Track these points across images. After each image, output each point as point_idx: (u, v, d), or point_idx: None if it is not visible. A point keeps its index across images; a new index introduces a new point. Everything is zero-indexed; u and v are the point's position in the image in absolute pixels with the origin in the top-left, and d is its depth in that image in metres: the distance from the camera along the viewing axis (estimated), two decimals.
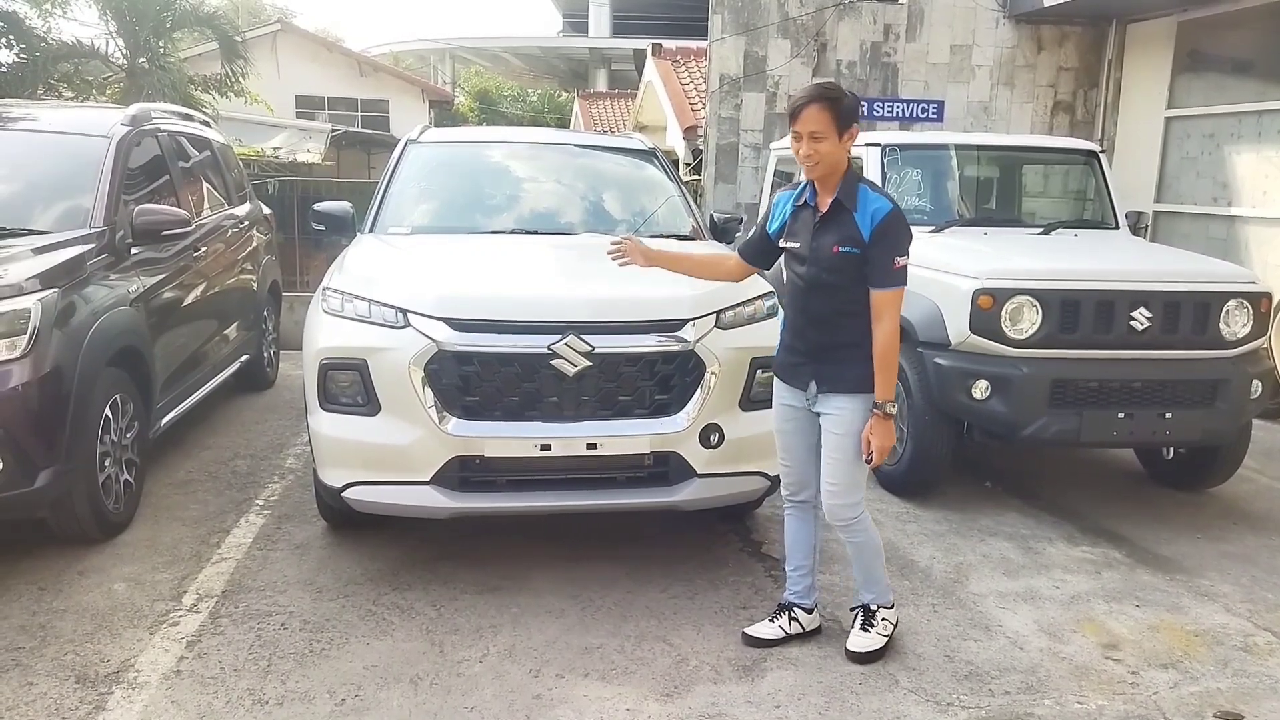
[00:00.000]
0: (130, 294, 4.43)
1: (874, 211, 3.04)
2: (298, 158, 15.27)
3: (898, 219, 3.06)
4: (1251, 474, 5.45)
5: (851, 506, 3.23)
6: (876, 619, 3.35)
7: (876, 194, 3.10)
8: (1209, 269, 4.92)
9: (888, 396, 3.07)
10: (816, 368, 3.21)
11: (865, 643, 3.31)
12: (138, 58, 13.74)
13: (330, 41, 28.65)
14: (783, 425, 3.41)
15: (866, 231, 3.04)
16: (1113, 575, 4.09)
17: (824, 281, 3.14)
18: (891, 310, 3.06)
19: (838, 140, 3.05)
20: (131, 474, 4.35)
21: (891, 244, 3.04)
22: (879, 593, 3.37)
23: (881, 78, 9.68)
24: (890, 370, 3.09)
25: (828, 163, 3.07)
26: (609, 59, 33.47)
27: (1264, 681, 3.24)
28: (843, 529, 3.28)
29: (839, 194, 3.10)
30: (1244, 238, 8.17)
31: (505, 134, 6.78)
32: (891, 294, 3.06)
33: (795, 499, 3.45)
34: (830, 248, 3.10)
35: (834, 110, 3.02)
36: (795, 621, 3.44)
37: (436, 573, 3.88)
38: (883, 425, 3.09)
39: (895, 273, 3.05)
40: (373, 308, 3.66)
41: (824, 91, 3.06)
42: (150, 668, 3.13)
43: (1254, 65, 8.27)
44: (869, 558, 3.32)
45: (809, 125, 3.04)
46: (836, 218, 3.11)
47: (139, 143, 5.03)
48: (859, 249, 3.06)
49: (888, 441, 3.11)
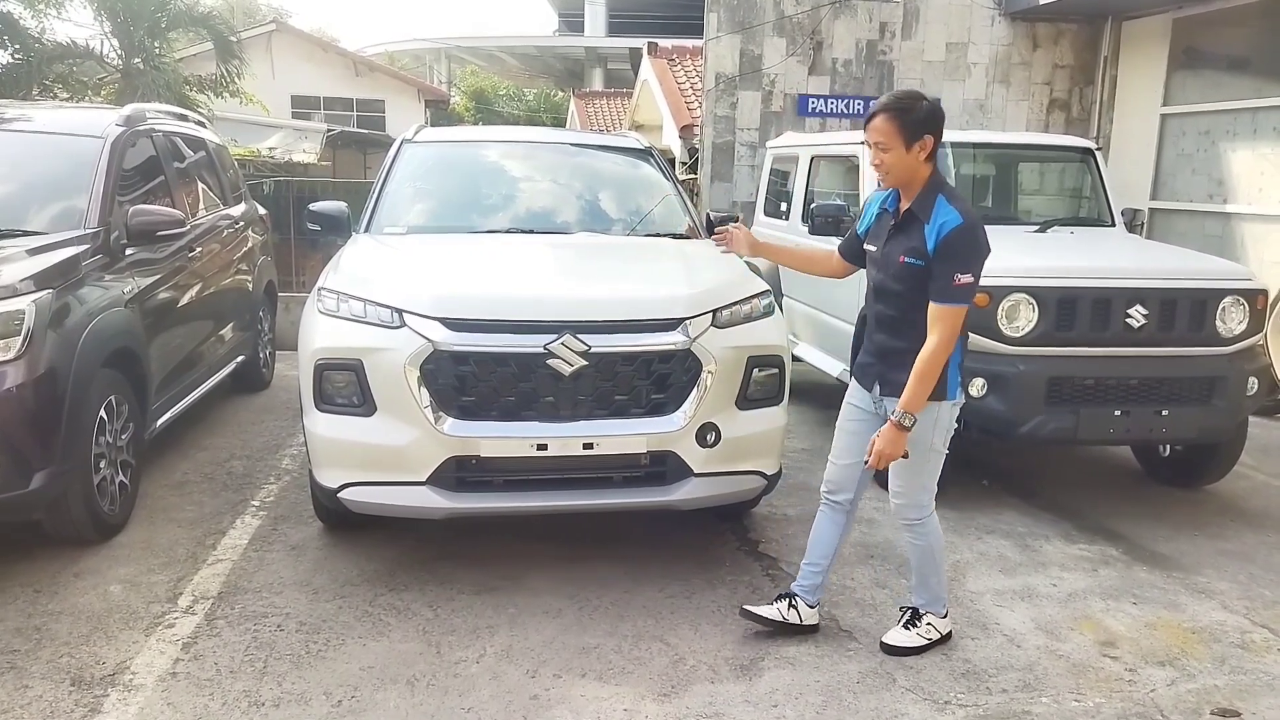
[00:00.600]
0: (125, 295, 4.41)
1: (942, 224, 2.99)
2: (293, 158, 15.24)
3: (965, 235, 2.98)
4: (1248, 471, 5.45)
5: (917, 508, 3.25)
6: (921, 621, 3.36)
7: (951, 207, 3.02)
8: (1205, 266, 4.92)
9: (911, 409, 3.02)
10: (881, 370, 3.24)
11: (901, 638, 3.33)
12: (133, 58, 13.72)
13: (325, 41, 28.61)
14: (844, 424, 3.42)
15: (932, 244, 3.00)
16: (1110, 573, 4.09)
17: (889, 288, 3.16)
18: (944, 325, 2.99)
19: (904, 151, 3.02)
20: (127, 475, 4.34)
21: (954, 260, 2.98)
22: (929, 600, 3.38)
23: (877, 76, 9.68)
24: (924, 383, 3.01)
25: (896, 173, 3.07)
26: (605, 58, 33.46)
27: (1261, 678, 3.24)
28: (905, 528, 3.31)
29: (913, 204, 3.09)
30: (1240, 235, 8.18)
31: (501, 133, 6.79)
32: (947, 309, 2.99)
33: (831, 498, 3.46)
34: (897, 256, 3.10)
35: (900, 121, 3.00)
36: (794, 610, 3.44)
37: (433, 573, 3.87)
38: (893, 433, 3.04)
39: (955, 289, 2.98)
40: (368, 308, 3.65)
41: (892, 102, 3.05)
42: (146, 670, 3.12)
43: (1249, 62, 8.28)
44: (925, 562, 3.33)
45: (874, 135, 3.05)
46: (908, 227, 3.10)
47: (134, 143, 5.01)
48: (923, 261, 3.03)
49: (893, 450, 3.06)
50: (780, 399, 3.96)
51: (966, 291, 3.00)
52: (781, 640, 3.40)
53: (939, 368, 3.03)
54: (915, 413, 3.03)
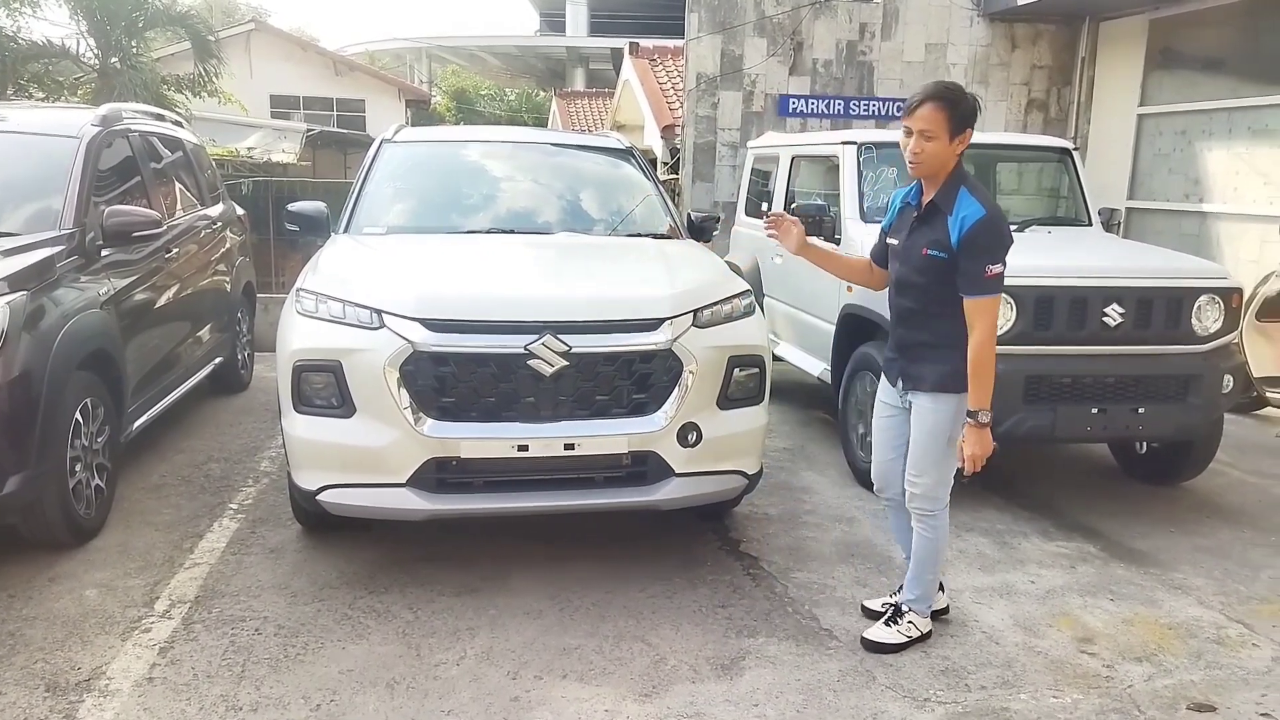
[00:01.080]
0: (101, 296, 4.37)
1: (964, 217, 3.00)
2: (272, 158, 15.14)
3: (989, 226, 3.00)
4: (1224, 467, 5.51)
5: (930, 500, 3.27)
6: (903, 619, 3.38)
7: (974, 199, 3.03)
8: (1181, 265, 4.96)
9: (981, 405, 3.04)
10: (903, 364, 3.26)
11: (882, 634, 3.34)
12: (109, 58, 13.59)
13: (305, 41, 28.45)
14: (878, 421, 3.46)
15: (955, 237, 3.02)
16: (1087, 569, 4.12)
17: (911, 281, 3.17)
18: (984, 318, 3.01)
19: (948, 142, 3.02)
20: (103, 478, 4.30)
21: (981, 252, 2.99)
22: (918, 596, 3.39)
23: (858, 76, 9.72)
24: (983, 379, 3.04)
25: (932, 164, 3.06)
26: (586, 58, 33.43)
27: (1236, 673, 3.27)
28: (917, 518, 3.33)
29: (936, 197, 3.10)
30: (1215, 234, 8.27)
31: (481, 133, 6.75)
32: (982, 301, 3.02)
33: (884, 496, 3.51)
34: (920, 249, 3.11)
35: (950, 111, 3.00)
36: None
37: (413, 575, 3.85)
38: (976, 433, 3.06)
39: (987, 281, 3.00)
40: (347, 309, 3.63)
41: (943, 90, 3.03)
42: (122, 675, 3.09)
43: (1225, 62, 8.37)
44: (928, 556, 3.35)
45: (921, 123, 3.02)
46: (930, 219, 3.11)
47: (110, 143, 4.96)
48: (946, 254, 3.04)
49: (981, 450, 3.08)
50: (761, 398, 3.97)
51: (998, 282, 3.03)
52: (763, 639, 3.41)
53: (991, 359, 3.06)
54: (985, 408, 3.05)
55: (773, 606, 3.68)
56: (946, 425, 3.16)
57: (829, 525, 4.54)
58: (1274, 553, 4.35)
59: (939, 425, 3.15)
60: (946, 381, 3.12)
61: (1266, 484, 5.37)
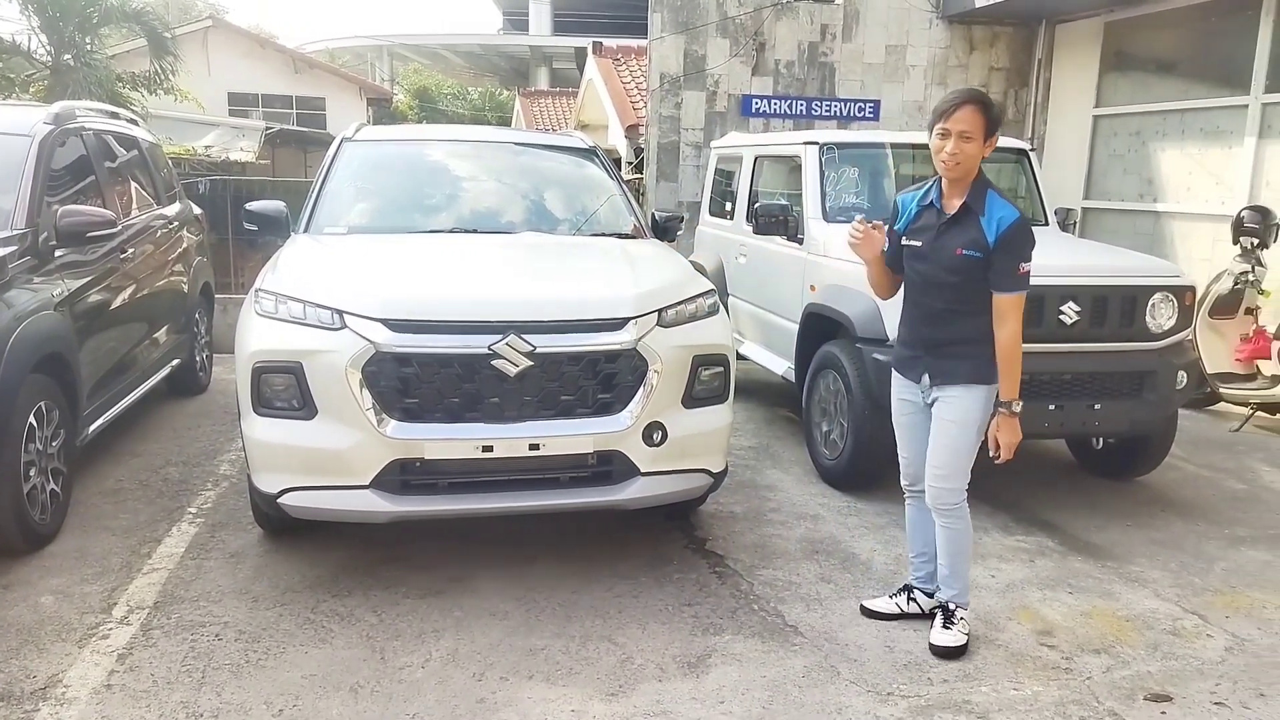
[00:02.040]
0: (55, 298, 4.29)
1: (1000, 219, 3.14)
2: (230, 156, 14.95)
3: (1024, 227, 3.16)
4: (1178, 462, 5.62)
5: (954, 492, 3.32)
6: (955, 617, 3.40)
7: (1004, 202, 3.19)
8: (1135, 264, 5.06)
9: (1013, 395, 3.19)
10: (930, 362, 3.32)
11: (949, 639, 3.35)
12: (62, 54, 13.34)
13: (263, 38, 28.08)
14: (899, 419, 3.51)
15: (992, 237, 3.14)
16: (1046, 563, 4.19)
17: (942, 281, 3.24)
18: (1015, 313, 3.17)
19: (983, 143, 3.15)
20: (58, 483, 4.22)
21: (1017, 251, 3.14)
22: (959, 590, 3.42)
23: (819, 77, 9.79)
24: (1014, 370, 3.19)
25: (969, 164, 3.17)
26: (550, 57, 33.37)
27: (1191, 663, 3.34)
28: (941, 513, 3.36)
29: (969, 199, 3.20)
30: (1169, 233, 8.43)
31: (444, 132, 6.71)
32: (1015, 298, 3.17)
33: (913, 490, 3.54)
34: (953, 249, 3.19)
35: (987, 115, 3.13)
36: (914, 602, 3.57)
37: (377, 578, 3.82)
38: (1009, 422, 3.21)
39: (1019, 278, 3.16)
40: (308, 309, 3.59)
41: (978, 95, 3.18)
42: (79, 682, 3.03)
43: (1178, 65, 8.54)
44: (959, 548, 3.39)
45: (962, 125, 3.12)
46: (963, 221, 3.20)
47: (63, 142, 4.87)
48: (982, 253, 3.16)
49: (1014, 438, 3.23)
50: (726, 397, 3.98)
51: (1028, 279, 3.19)
52: (729, 637, 3.42)
53: (1019, 352, 3.20)
54: (1016, 398, 3.20)
55: (738, 604, 3.70)
56: (978, 415, 3.27)
57: (793, 523, 4.56)
58: (1227, 545, 4.45)
59: (970, 416, 3.25)
60: (979, 374, 3.24)
61: (1219, 478, 5.49)
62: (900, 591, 3.62)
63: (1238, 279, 6.65)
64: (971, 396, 3.25)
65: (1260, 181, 7.57)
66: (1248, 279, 6.63)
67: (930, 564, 3.56)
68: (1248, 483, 5.42)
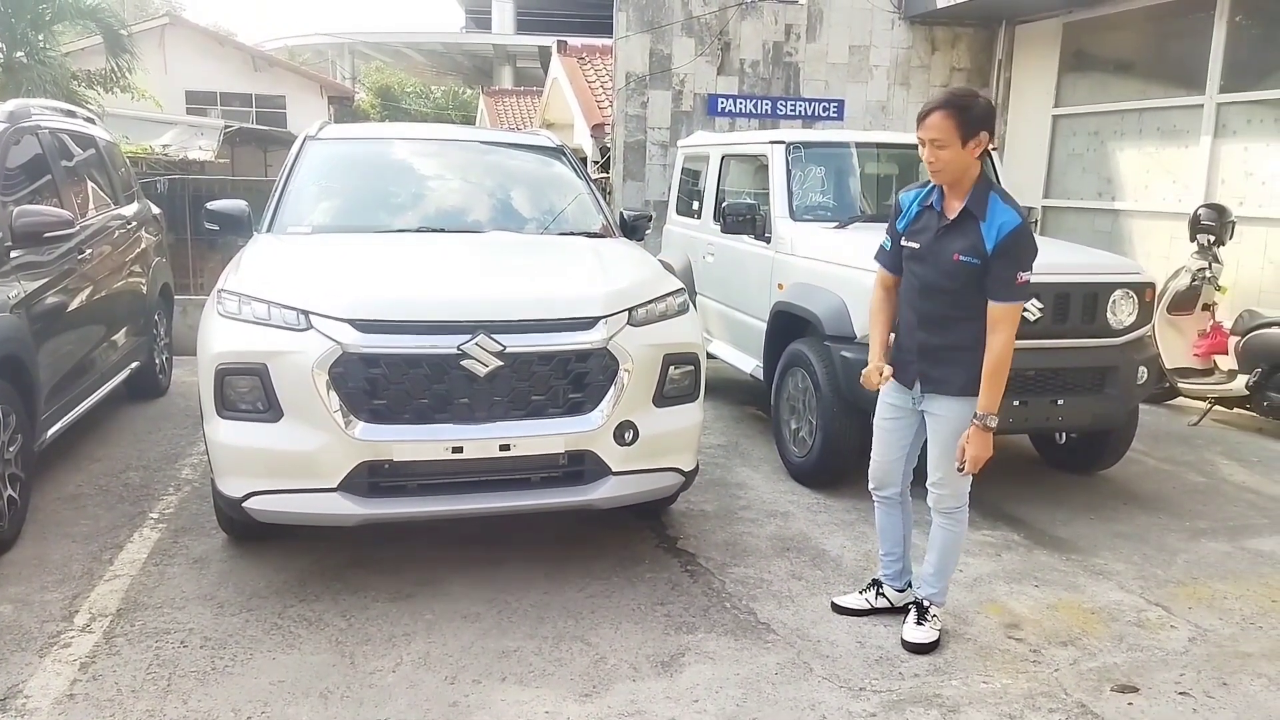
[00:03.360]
0: (10, 300, 4.19)
1: (1001, 225, 3.04)
2: (189, 155, 14.71)
3: (1024, 235, 3.05)
4: (1140, 456, 5.71)
5: (957, 497, 3.33)
6: (929, 614, 3.41)
7: (1007, 206, 3.08)
8: (1096, 261, 5.13)
9: (990, 409, 3.09)
10: (923, 367, 3.25)
11: (922, 635, 3.36)
12: (15, 52, 13.04)
13: (222, 35, 27.63)
14: (881, 421, 3.46)
15: (991, 244, 3.04)
16: (1012, 557, 4.24)
17: (938, 285, 3.17)
18: (1008, 323, 3.07)
19: (960, 148, 3.05)
20: (16, 489, 4.12)
21: (1015, 259, 3.04)
22: (939, 590, 3.43)
23: (784, 77, 9.83)
24: (998, 383, 3.09)
25: (952, 170, 3.09)
26: (514, 56, 33.17)
27: (1156, 654, 3.39)
28: (941, 514, 3.36)
29: (968, 203, 3.10)
30: (1128, 230, 8.57)
31: (410, 130, 6.65)
32: (1010, 308, 3.07)
33: (880, 494, 3.52)
34: (951, 254, 3.11)
35: (958, 118, 3.03)
36: (883, 597, 3.58)
37: (346, 582, 3.78)
38: (981, 437, 3.11)
39: (1017, 288, 3.06)
40: (272, 310, 3.54)
41: (950, 99, 3.07)
42: (40, 692, 2.96)
43: (1135, 65, 8.68)
44: (950, 550, 3.39)
45: (930, 132, 3.06)
46: (962, 225, 3.12)
47: (17, 141, 4.76)
48: (980, 260, 3.07)
49: (983, 453, 3.12)
50: (696, 396, 3.99)
51: (1027, 289, 3.10)
52: (702, 635, 3.43)
53: (1008, 364, 3.10)
54: (994, 412, 3.09)
55: (711, 602, 3.70)
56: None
57: (764, 520, 4.58)
58: (1189, 537, 4.53)
59: (965, 427, 3.15)
60: (972, 384, 3.13)
61: (1180, 471, 5.59)
62: (869, 587, 3.64)
63: (1195, 275, 6.77)
64: (965, 409, 3.16)
65: (1216, 179, 7.71)
66: (1205, 275, 6.76)
67: (899, 562, 3.58)
68: (1207, 475, 5.52)
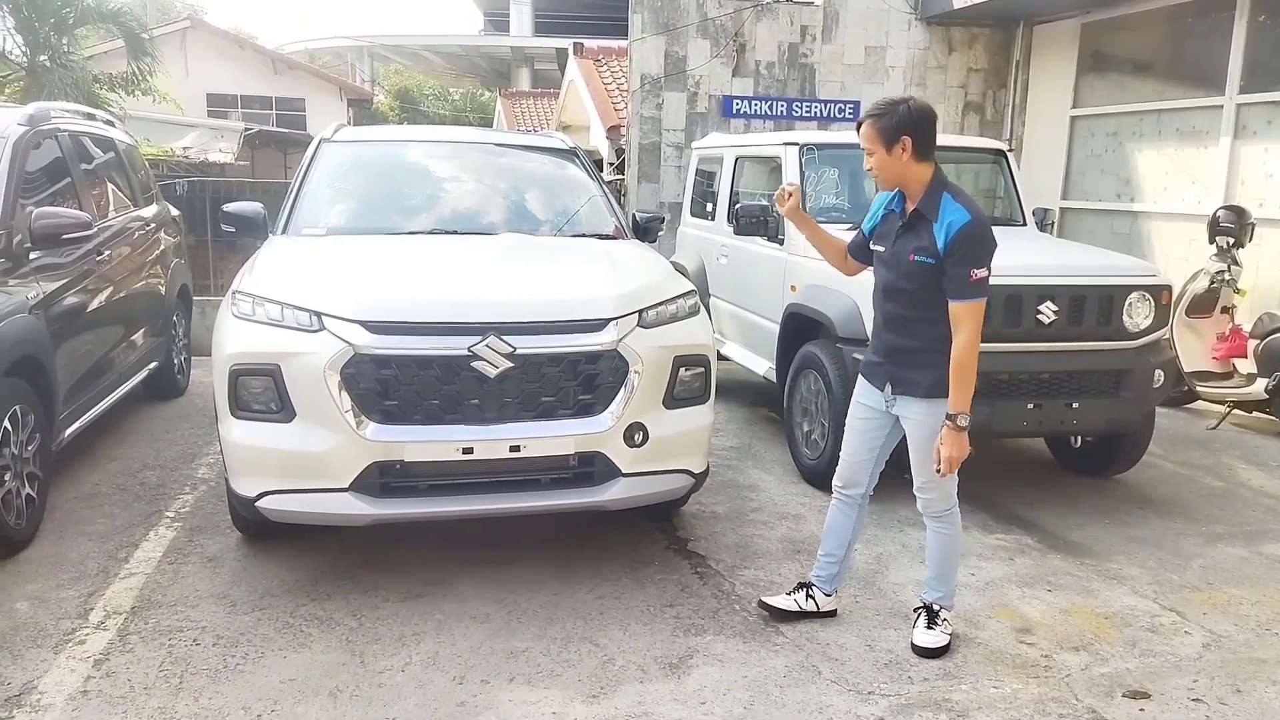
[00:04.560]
0: (30, 301, 4.24)
1: (950, 223, 3.06)
2: (209, 157, 14.84)
3: (974, 231, 3.05)
4: (1156, 460, 5.66)
5: (943, 499, 3.32)
6: (939, 618, 3.40)
7: (958, 205, 3.10)
8: (1112, 263, 5.09)
9: (961, 408, 3.08)
10: (892, 370, 3.28)
11: (932, 640, 3.35)
12: (38, 55, 13.22)
13: (243, 38, 27.89)
14: (853, 422, 3.47)
15: (942, 243, 3.07)
16: (1025, 561, 4.21)
17: (900, 287, 3.21)
18: (969, 322, 3.07)
19: (886, 153, 3.13)
20: (34, 488, 4.17)
21: (967, 257, 3.05)
22: (946, 593, 3.42)
23: (800, 78, 9.81)
24: (966, 381, 3.09)
25: (887, 174, 3.17)
26: (531, 58, 33.25)
27: (1169, 660, 3.36)
28: (931, 519, 3.35)
29: (919, 204, 3.16)
30: (1146, 232, 8.50)
31: (423, 133, 6.67)
32: (969, 306, 3.07)
33: (844, 493, 3.52)
34: (907, 255, 3.16)
35: (877, 125, 3.13)
36: (812, 600, 3.56)
37: (357, 581, 3.80)
38: (954, 436, 3.10)
39: (973, 285, 3.06)
40: (286, 311, 3.57)
41: (872, 109, 3.19)
42: (55, 689, 3.00)
43: (1154, 66, 8.61)
44: (948, 553, 3.38)
45: (863, 141, 3.18)
46: (916, 226, 3.17)
47: (38, 144, 4.82)
48: (934, 260, 3.09)
49: (958, 453, 3.11)
50: (707, 398, 3.98)
51: (983, 286, 3.09)
52: (710, 637, 3.43)
53: (974, 363, 3.11)
54: (965, 411, 3.09)
55: (720, 604, 3.70)
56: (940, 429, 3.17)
57: (775, 522, 4.57)
58: (1204, 542, 4.49)
59: (938, 430, 3.15)
60: (940, 386, 3.14)
61: (1197, 475, 5.54)
62: (799, 588, 3.60)
63: (1214, 278, 6.71)
64: (935, 411, 3.17)
65: (1235, 181, 7.64)
66: (1224, 278, 6.69)
67: (834, 566, 3.56)
68: (1224, 480, 5.47)
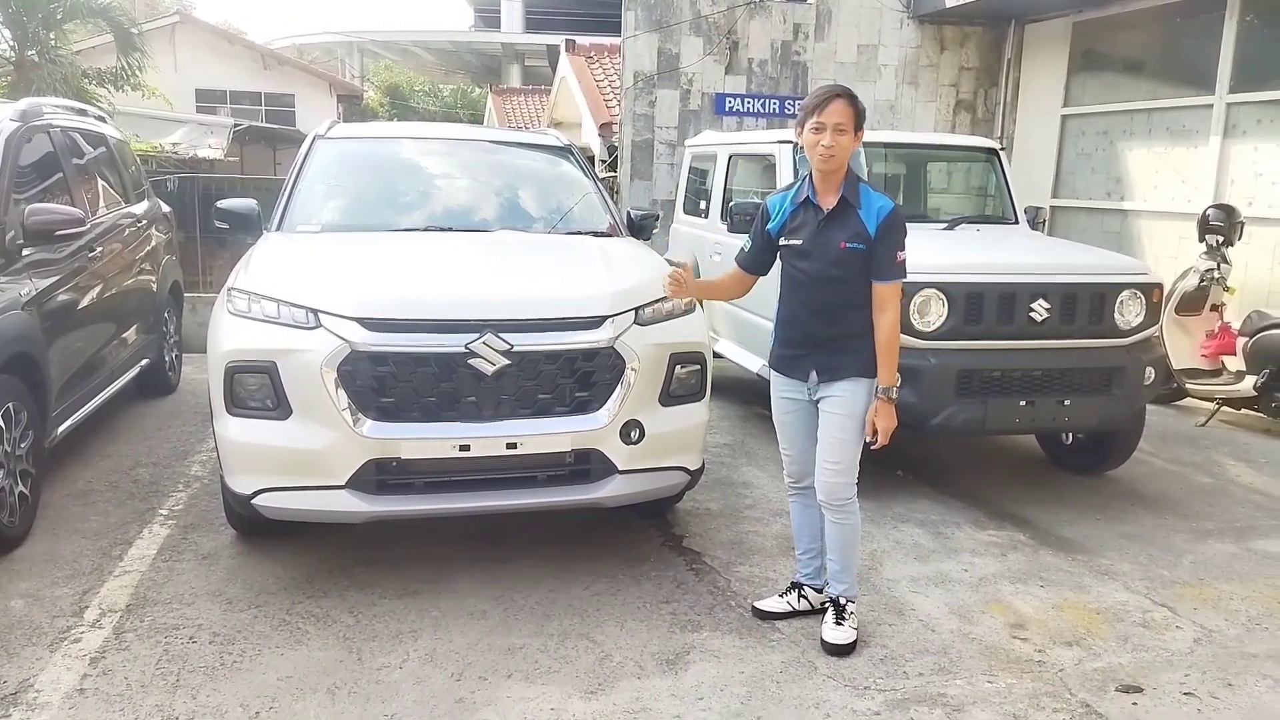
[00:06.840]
0: (22, 297, 4.22)
1: (879, 209, 3.22)
2: (199, 153, 14.78)
3: (899, 216, 3.24)
4: (1147, 457, 5.70)
5: (848, 486, 3.34)
6: (846, 612, 3.41)
7: (876, 194, 3.27)
8: (1104, 261, 5.13)
9: (892, 382, 3.24)
10: (818, 359, 3.33)
11: (843, 636, 3.36)
12: (26, 50, 13.13)
13: (232, 34, 27.78)
14: (783, 417, 3.50)
15: (873, 227, 3.20)
16: (1018, 557, 4.24)
17: (830, 275, 3.26)
18: (894, 301, 3.24)
19: (853, 136, 3.22)
20: (27, 485, 4.15)
21: (895, 239, 3.21)
22: (849, 584, 3.43)
23: (792, 76, 9.83)
24: (893, 357, 3.25)
25: (842, 157, 3.22)
26: (522, 54, 33.18)
27: (1161, 655, 3.39)
28: (835, 509, 3.36)
29: (844, 193, 3.25)
30: (1136, 230, 8.55)
31: (418, 129, 6.68)
32: (894, 286, 3.24)
33: (799, 486, 3.55)
34: (837, 244, 3.23)
35: (854, 107, 3.23)
36: (804, 599, 3.58)
37: (354, 578, 3.80)
38: (887, 409, 3.24)
39: (897, 266, 3.23)
40: (282, 308, 3.57)
41: (845, 89, 3.27)
42: (51, 687, 2.99)
43: (1144, 65, 8.66)
44: (850, 542, 3.40)
45: (836, 117, 3.19)
46: (842, 215, 3.25)
47: (29, 139, 4.79)
48: (865, 244, 3.21)
49: (891, 424, 3.26)
50: (702, 395, 4.00)
51: (904, 267, 3.26)
52: (707, 633, 3.44)
53: (898, 341, 3.29)
54: (895, 384, 3.25)
55: (716, 601, 3.71)
56: (864, 407, 3.29)
57: (769, 519, 4.59)
58: (1195, 538, 4.52)
59: (857, 408, 3.28)
60: (867, 367, 3.26)
61: (1187, 472, 5.58)
62: (790, 590, 3.62)
63: (1203, 276, 6.75)
64: (860, 389, 3.28)
65: (1225, 180, 7.69)
66: (1213, 276, 6.74)
67: (816, 559, 3.58)
68: (1214, 476, 5.51)
